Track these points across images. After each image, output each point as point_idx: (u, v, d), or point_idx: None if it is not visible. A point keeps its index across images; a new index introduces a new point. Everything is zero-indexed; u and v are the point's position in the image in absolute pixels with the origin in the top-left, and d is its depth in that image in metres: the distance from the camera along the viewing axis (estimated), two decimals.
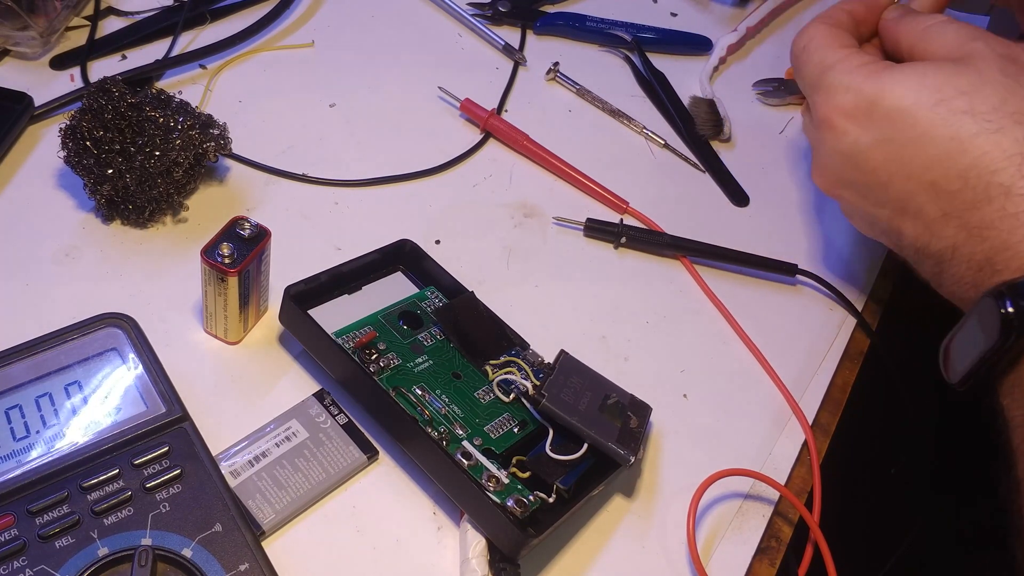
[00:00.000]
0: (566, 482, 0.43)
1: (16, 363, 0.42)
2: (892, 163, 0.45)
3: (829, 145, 0.49)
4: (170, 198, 0.53)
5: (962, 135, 0.43)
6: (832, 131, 0.48)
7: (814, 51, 0.50)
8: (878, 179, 0.47)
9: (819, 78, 0.49)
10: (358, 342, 0.46)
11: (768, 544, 0.47)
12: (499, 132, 0.64)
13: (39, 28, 0.60)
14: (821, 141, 0.50)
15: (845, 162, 0.48)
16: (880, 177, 0.46)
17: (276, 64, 0.66)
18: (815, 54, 0.50)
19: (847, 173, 0.48)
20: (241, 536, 0.39)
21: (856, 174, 0.48)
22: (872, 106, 0.46)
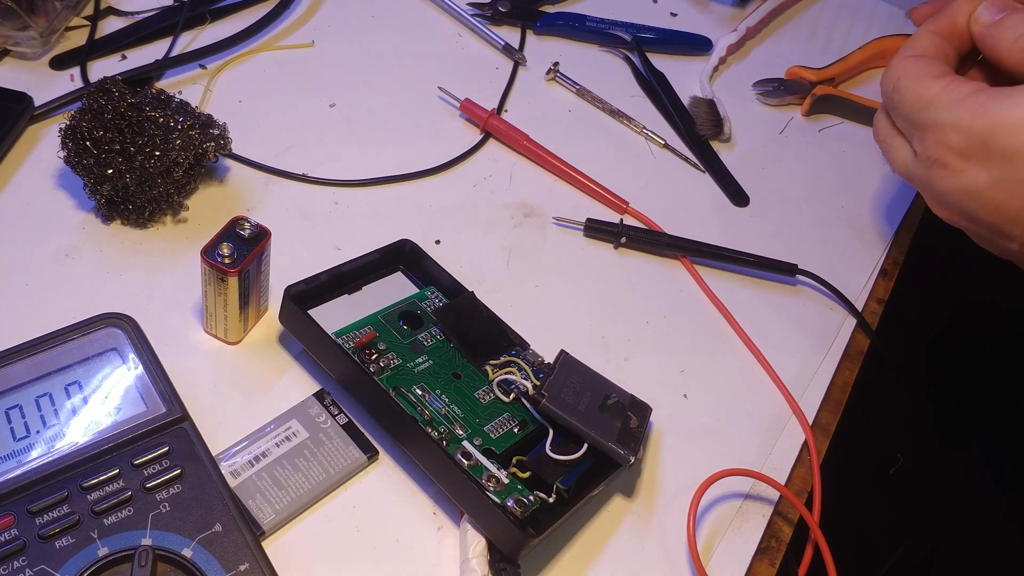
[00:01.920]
0: (566, 482, 0.43)
1: (16, 363, 0.42)
2: (1016, 199, 0.42)
3: (945, 184, 0.45)
4: (170, 198, 0.53)
5: None
6: (946, 170, 0.45)
7: (907, 89, 0.46)
8: (1003, 216, 0.43)
9: (920, 117, 0.45)
10: (358, 342, 0.46)
11: (768, 544, 0.47)
12: (499, 132, 0.64)
13: (39, 28, 0.60)
14: (934, 179, 0.46)
15: (965, 199, 0.44)
16: (1005, 214, 0.43)
17: (276, 64, 0.66)
18: (909, 92, 0.46)
19: (968, 208, 0.45)
20: (241, 536, 0.39)
21: (979, 211, 0.44)
22: (986, 145, 0.42)
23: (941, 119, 0.44)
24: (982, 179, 0.43)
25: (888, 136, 0.50)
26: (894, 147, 0.49)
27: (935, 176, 0.46)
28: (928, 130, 0.45)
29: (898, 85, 0.47)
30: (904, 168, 0.49)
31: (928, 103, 0.45)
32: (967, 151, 0.43)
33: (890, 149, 0.50)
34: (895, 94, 0.48)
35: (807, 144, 0.69)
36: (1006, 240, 0.45)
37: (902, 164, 0.49)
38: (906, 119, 0.47)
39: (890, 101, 0.49)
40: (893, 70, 0.48)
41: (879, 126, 0.51)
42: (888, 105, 0.49)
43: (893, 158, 0.50)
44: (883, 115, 0.50)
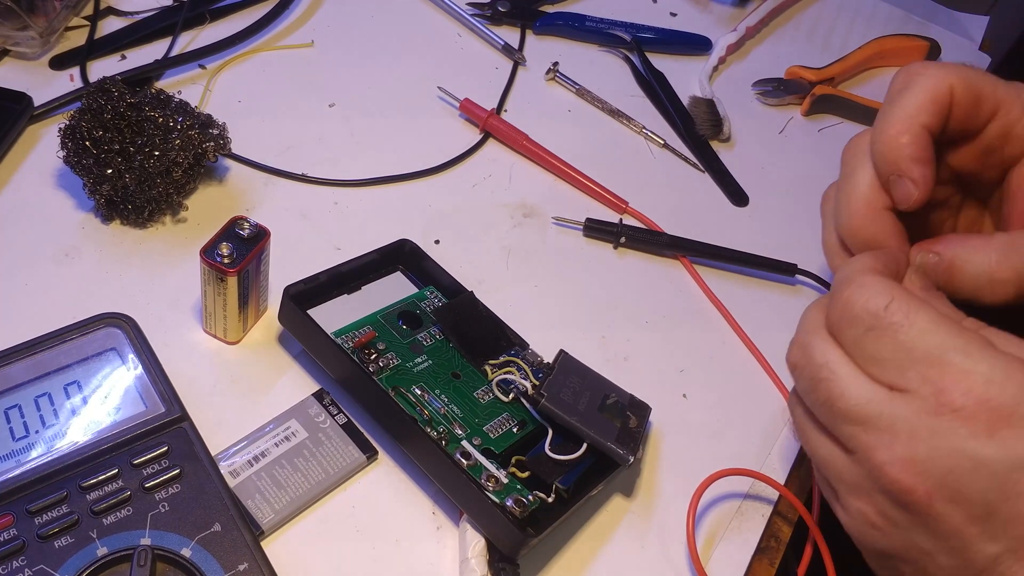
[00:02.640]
0: (565, 482, 0.43)
1: (15, 363, 0.42)
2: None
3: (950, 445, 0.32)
4: (169, 198, 0.53)
5: None
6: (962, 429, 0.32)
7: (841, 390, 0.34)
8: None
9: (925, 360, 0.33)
10: (357, 342, 0.46)
11: (768, 544, 0.47)
12: (499, 132, 0.64)
13: (39, 28, 0.60)
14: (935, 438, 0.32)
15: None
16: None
17: (276, 64, 0.66)
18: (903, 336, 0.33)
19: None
20: (240, 536, 0.39)
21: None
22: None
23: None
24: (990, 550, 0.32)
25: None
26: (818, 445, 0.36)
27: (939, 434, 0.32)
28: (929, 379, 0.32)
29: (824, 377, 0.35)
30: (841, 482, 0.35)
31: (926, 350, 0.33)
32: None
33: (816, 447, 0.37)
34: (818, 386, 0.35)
35: (807, 144, 0.69)
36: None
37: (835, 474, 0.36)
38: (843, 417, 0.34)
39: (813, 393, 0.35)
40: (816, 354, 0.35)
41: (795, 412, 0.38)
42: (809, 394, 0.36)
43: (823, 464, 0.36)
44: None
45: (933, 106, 0.39)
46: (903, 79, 0.41)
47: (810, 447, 0.37)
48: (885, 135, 0.39)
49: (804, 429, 0.37)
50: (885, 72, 0.77)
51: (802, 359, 0.36)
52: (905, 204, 0.39)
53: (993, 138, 0.40)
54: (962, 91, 0.39)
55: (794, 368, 0.37)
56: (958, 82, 0.39)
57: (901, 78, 0.41)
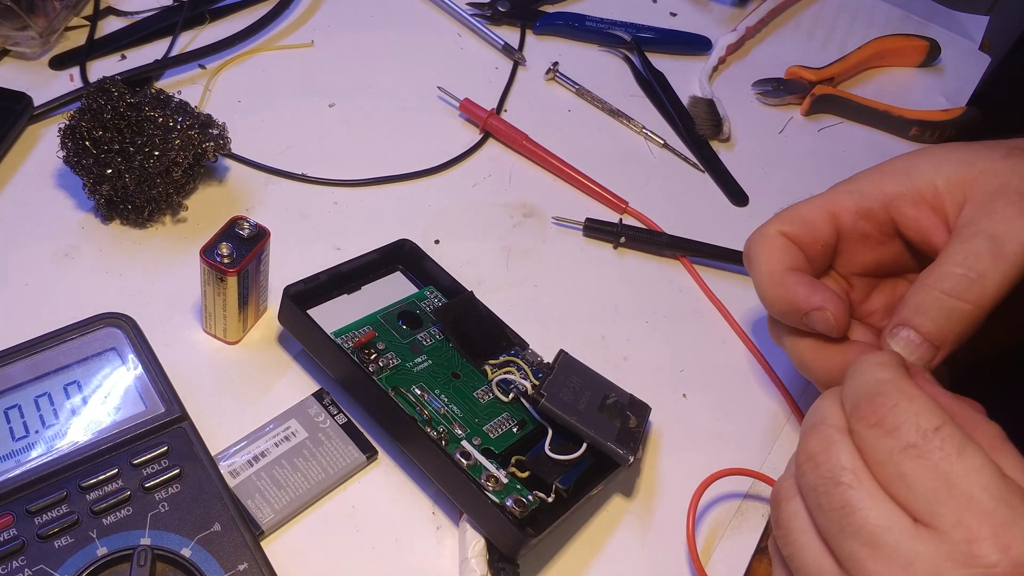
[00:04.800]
0: (565, 482, 0.43)
1: (15, 363, 0.42)
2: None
3: None
4: (169, 198, 0.53)
5: None
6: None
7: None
8: None
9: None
10: (357, 342, 0.46)
11: (767, 544, 0.47)
12: (498, 132, 0.64)
13: (38, 28, 0.60)
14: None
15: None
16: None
17: (276, 64, 0.66)
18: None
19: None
20: (240, 536, 0.39)
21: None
22: None
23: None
24: None
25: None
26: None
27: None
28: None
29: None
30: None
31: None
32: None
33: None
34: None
35: (807, 144, 0.69)
36: None
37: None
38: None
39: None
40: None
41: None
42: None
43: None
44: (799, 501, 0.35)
45: (779, 252, 0.42)
46: (746, 252, 0.44)
47: (795, 548, 0.34)
48: (767, 299, 0.43)
49: (793, 527, 0.34)
50: (885, 72, 0.77)
51: (822, 455, 0.33)
52: (832, 329, 0.41)
53: (856, 239, 0.44)
54: (790, 228, 0.43)
55: (809, 459, 0.34)
56: (781, 226, 0.43)
57: (745, 251, 0.44)
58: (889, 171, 0.43)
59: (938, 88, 0.67)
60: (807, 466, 0.34)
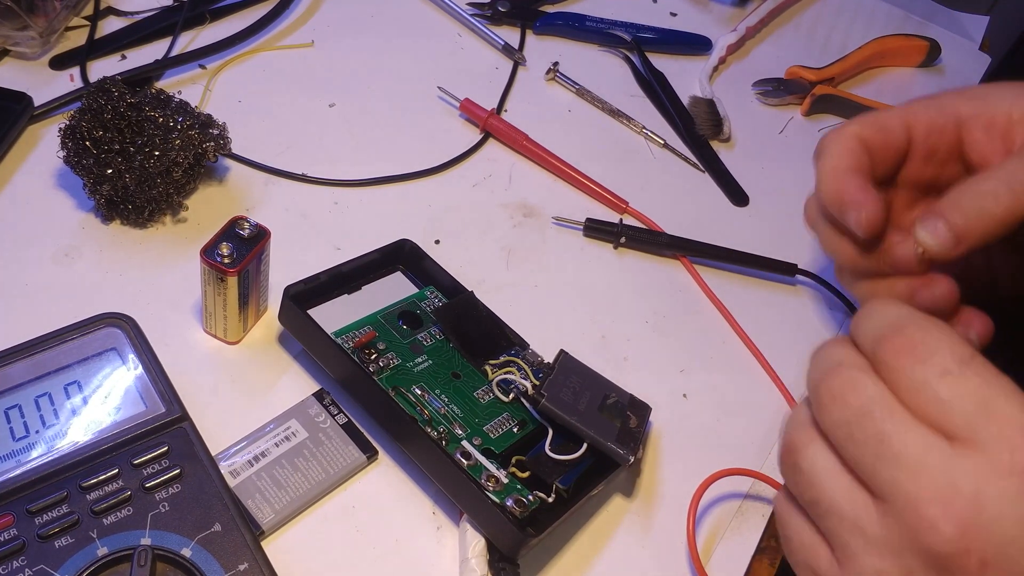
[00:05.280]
0: (565, 482, 0.43)
1: (16, 363, 0.42)
2: None
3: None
4: (169, 198, 0.53)
5: None
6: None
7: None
8: None
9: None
10: (358, 342, 0.46)
11: (768, 544, 0.47)
12: (499, 132, 0.64)
13: (39, 28, 0.60)
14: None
15: None
16: None
17: (276, 64, 0.66)
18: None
19: None
20: (240, 536, 0.39)
21: None
22: None
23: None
24: None
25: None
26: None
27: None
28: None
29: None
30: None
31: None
32: None
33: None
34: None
35: (807, 144, 0.69)
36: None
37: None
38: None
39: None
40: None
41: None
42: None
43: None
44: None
45: (849, 153, 0.43)
46: (819, 147, 0.45)
47: (822, 490, 0.33)
48: (823, 191, 0.43)
49: (818, 469, 0.34)
50: (885, 72, 0.77)
51: (851, 392, 0.33)
52: (861, 228, 0.42)
53: (923, 153, 0.44)
54: (867, 132, 0.43)
55: (835, 399, 0.33)
56: (859, 129, 0.43)
57: (818, 146, 0.45)
58: (969, 95, 0.44)
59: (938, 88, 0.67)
60: (833, 405, 0.34)
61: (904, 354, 0.33)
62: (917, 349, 0.32)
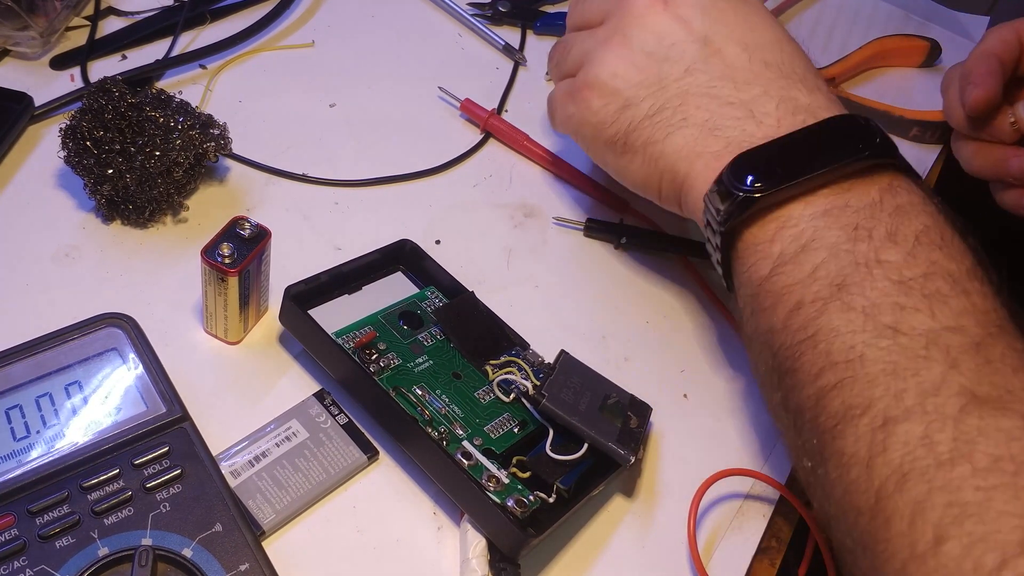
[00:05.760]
0: (566, 482, 0.43)
1: (16, 363, 0.42)
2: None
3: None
4: (170, 198, 0.53)
5: None
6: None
7: None
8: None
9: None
10: (358, 342, 0.46)
11: (768, 544, 0.47)
12: (499, 132, 0.64)
13: (39, 28, 0.60)
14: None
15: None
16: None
17: (276, 64, 0.66)
18: None
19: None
20: (241, 536, 0.39)
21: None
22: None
23: None
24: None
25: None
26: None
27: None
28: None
29: None
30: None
31: None
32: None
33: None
34: None
35: None
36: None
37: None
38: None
39: None
40: None
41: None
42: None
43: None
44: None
45: (999, 43, 0.56)
46: (983, 37, 0.58)
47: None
48: (967, 65, 0.57)
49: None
50: (885, 72, 0.77)
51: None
52: (968, 102, 0.56)
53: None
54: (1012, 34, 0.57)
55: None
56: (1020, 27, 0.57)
57: (983, 36, 0.58)
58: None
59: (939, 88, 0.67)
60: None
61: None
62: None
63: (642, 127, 0.47)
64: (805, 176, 0.40)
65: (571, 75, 0.52)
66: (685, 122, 0.45)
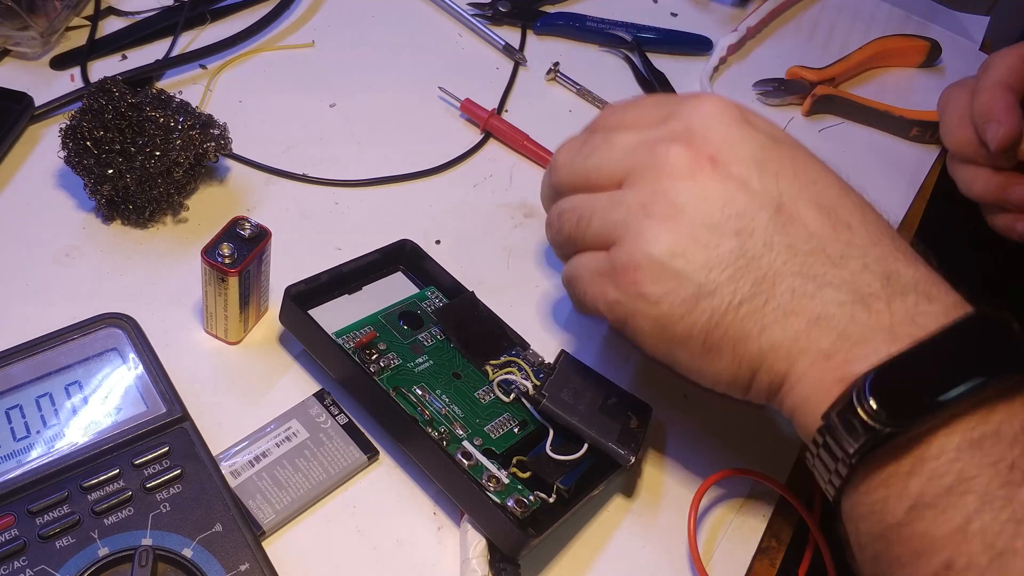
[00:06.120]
0: (566, 482, 0.43)
1: (16, 363, 0.42)
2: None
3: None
4: (170, 198, 0.53)
5: None
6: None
7: None
8: None
9: None
10: (358, 342, 0.46)
11: (768, 544, 0.47)
12: (499, 132, 0.64)
13: (39, 28, 0.60)
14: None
15: None
16: None
17: (276, 64, 0.66)
18: None
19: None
20: (241, 536, 0.39)
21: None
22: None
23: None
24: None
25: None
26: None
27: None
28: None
29: None
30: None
31: None
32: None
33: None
34: None
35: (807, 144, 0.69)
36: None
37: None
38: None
39: None
40: None
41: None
42: None
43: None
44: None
45: (1007, 71, 0.54)
46: (986, 63, 0.56)
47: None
48: (976, 100, 0.55)
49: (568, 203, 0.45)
50: (886, 72, 0.77)
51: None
52: (995, 141, 0.54)
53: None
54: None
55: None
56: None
57: (985, 63, 0.56)
58: None
59: (939, 88, 0.67)
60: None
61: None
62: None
63: (728, 321, 0.38)
64: (951, 401, 0.33)
65: (594, 248, 0.43)
66: (782, 311, 0.37)
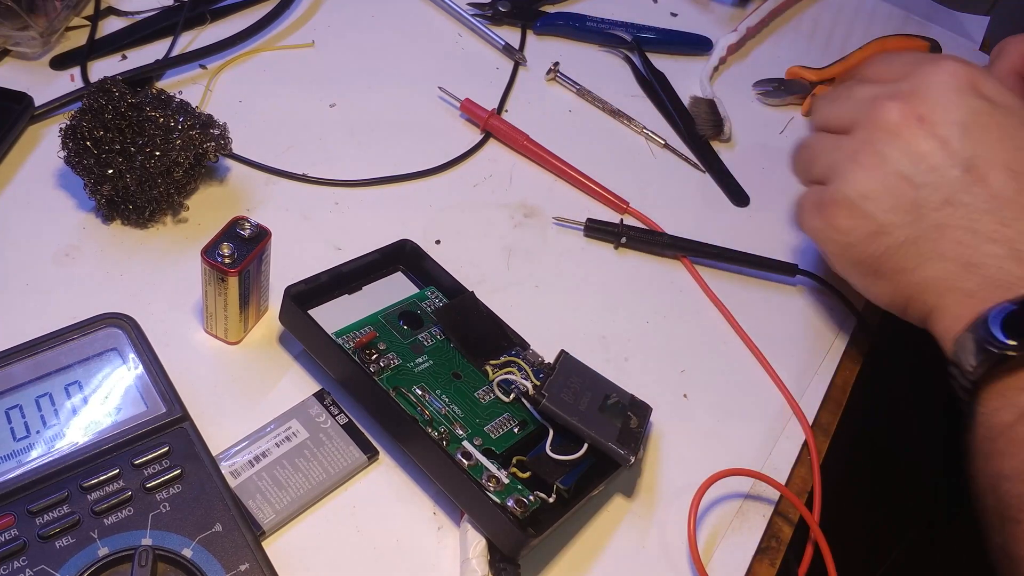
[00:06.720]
0: (566, 482, 0.43)
1: (16, 363, 0.42)
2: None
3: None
4: (170, 198, 0.53)
5: None
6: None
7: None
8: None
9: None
10: (358, 342, 0.46)
11: (768, 544, 0.47)
12: (499, 132, 0.64)
13: (39, 28, 0.60)
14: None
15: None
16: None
17: (276, 64, 0.66)
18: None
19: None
20: (241, 536, 0.39)
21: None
22: None
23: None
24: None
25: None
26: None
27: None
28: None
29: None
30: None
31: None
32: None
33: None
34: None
35: None
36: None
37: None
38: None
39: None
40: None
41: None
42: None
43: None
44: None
45: (1021, 60, 0.52)
46: (997, 49, 0.54)
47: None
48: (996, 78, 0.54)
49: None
50: None
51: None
52: None
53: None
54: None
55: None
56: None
57: (997, 49, 0.54)
58: None
59: None
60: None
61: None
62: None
63: (893, 255, 0.46)
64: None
65: (818, 182, 0.50)
66: (941, 256, 0.44)
